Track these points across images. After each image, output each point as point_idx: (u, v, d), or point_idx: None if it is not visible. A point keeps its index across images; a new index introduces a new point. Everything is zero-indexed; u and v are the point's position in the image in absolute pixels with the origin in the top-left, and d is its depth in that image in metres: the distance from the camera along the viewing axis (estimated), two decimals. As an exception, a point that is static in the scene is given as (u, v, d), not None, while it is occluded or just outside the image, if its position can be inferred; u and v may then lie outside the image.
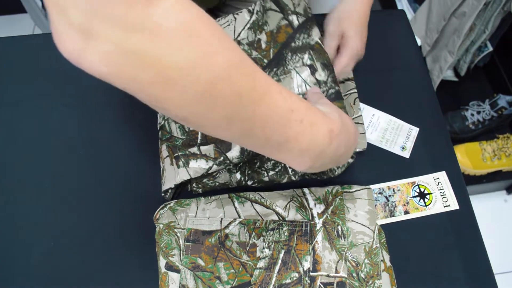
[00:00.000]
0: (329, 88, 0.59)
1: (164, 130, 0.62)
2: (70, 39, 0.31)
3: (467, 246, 0.61)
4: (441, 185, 0.65)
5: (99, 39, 0.31)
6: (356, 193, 0.59)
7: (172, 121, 0.62)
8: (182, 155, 0.58)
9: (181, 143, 0.59)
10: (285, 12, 0.63)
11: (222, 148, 0.57)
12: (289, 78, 0.60)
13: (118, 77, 0.33)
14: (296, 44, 0.61)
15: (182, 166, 0.57)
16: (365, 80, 0.72)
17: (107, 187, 0.64)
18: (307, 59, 0.60)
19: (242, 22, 0.65)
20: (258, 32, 0.64)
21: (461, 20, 1.24)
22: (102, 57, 0.31)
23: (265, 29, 0.63)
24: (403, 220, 0.63)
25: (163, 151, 0.60)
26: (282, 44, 0.62)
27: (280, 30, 0.62)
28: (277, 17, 0.63)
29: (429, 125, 0.69)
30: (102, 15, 0.30)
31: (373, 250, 0.55)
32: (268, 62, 0.62)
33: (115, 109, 0.70)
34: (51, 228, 0.61)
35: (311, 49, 0.61)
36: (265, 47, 0.63)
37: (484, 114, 1.42)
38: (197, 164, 0.57)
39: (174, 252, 0.55)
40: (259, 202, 0.58)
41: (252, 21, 0.64)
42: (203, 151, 0.57)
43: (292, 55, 0.61)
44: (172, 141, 0.60)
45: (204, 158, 0.57)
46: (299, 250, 0.55)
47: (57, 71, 0.73)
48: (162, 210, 0.58)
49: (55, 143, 0.67)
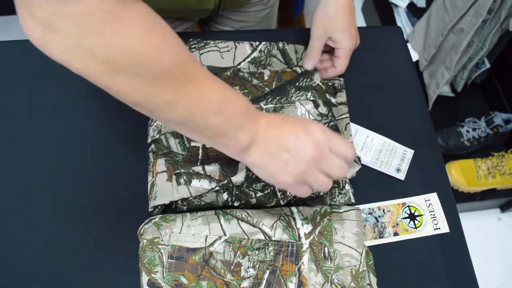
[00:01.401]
0: (330, 121, 0.65)
1: (160, 144, 0.61)
2: (34, 30, 0.36)
3: (456, 270, 0.60)
4: (432, 207, 0.64)
5: (59, 34, 0.36)
6: (344, 214, 0.58)
7: (171, 136, 0.61)
8: (185, 172, 0.57)
9: (182, 159, 0.58)
10: (289, 65, 0.70)
11: (228, 171, 0.57)
12: (293, 107, 0.65)
13: (74, 67, 0.39)
14: (300, 84, 0.68)
15: (183, 183, 0.56)
16: (359, 99, 0.71)
17: (91, 198, 0.62)
18: (310, 95, 0.67)
19: (243, 53, 0.70)
20: (261, 68, 0.69)
21: (459, 36, 1.24)
22: (61, 49, 0.37)
23: (269, 68, 0.69)
24: (392, 242, 0.62)
25: (159, 166, 0.59)
26: (287, 81, 0.68)
27: (285, 72, 0.69)
28: (281, 66, 0.70)
29: (422, 146, 0.68)
30: (62, 14, 0.35)
31: (359, 273, 0.54)
32: (270, 90, 0.66)
33: (101, 119, 0.69)
34: (32, 239, 0.60)
35: (313, 89, 0.67)
36: (268, 79, 0.67)
37: (480, 131, 1.41)
38: (200, 183, 0.56)
39: (157, 269, 0.54)
40: (245, 220, 0.57)
41: (253, 56, 0.70)
42: (208, 171, 0.57)
43: (296, 90, 0.67)
44: (172, 156, 0.59)
45: (208, 179, 0.56)
46: (285, 271, 0.54)
47: (40, 80, 0.72)
48: (147, 225, 0.56)
49: (39, 153, 0.66)
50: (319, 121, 0.63)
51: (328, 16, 0.66)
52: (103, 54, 0.37)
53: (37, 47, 0.38)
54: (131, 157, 0.65)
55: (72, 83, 0.71)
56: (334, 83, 0.70)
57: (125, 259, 0.58)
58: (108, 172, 0.64)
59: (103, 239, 0.60)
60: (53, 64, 0.70)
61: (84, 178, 0.64)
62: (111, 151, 0.66)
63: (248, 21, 0.90)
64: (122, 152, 0.66)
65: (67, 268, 0.58)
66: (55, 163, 0.65)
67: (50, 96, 0.70)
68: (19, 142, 0.66)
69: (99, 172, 0.64)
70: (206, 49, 0.69)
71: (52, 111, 0.69)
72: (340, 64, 0.69)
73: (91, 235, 0.60)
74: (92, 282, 0.57)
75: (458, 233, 0.63)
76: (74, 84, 0.71)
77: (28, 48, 0.75)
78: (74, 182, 0.64)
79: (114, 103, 0.69)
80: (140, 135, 0.66)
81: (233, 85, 0.66)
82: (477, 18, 1.16)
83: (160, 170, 0.59)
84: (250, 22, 0.90)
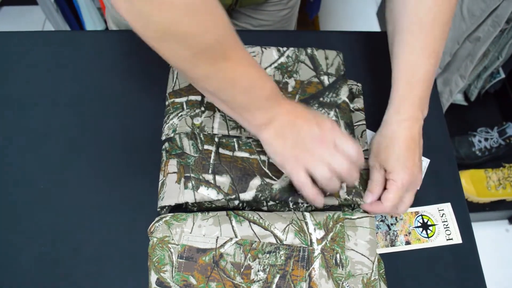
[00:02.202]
0: None
1: (174, 144, 0.60)
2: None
3: (467, 282, 0.59)
4: (445, 217, 0.63)
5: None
6: (357, 221, 0.57)
7: (185, 137, 0.60)
8: (195, 178, 0.57)
9: (193, 162, 0.58)
10: (317, 72, 0.67)
11: (238, 187, 0.56)
12: None
13: (134, 26, 0.45)
14: (324, 100, 0.65)
15: (190, 188, 0.56)
16: (374, 105, 0.70)
17: (101, 194, 0.62)
18: (332, 115, 0.64)
19: (269, 59, 0.68)
20: (286, 76, 0.67)
21: (475, 45, 1.23)
22: (123, 7, 0.44)
23: (295, 77, 0.67)
24: (404, 251, 0.61)
25: (171, 166, 0.59)
26: (311, 95, 0.65)
27: (311, 84, 0.66)
28: (309, 74, 0.67)
29: (437, 154, 0.67)
30: None
31: (371, 282, 0.53)
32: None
33: (113, 113, 0.68)
34: (40, 234, 0.59)
35: (337, 107, 0.64)
36: (292, 91, 0.65)
37: (492, 142, 1.40)
38: (207, 192, 0.56)
39: (166, 268, 0.54)
40: (257, 223, 0.56)
41: (280, 62, 0.68)
42: (218, 182, 0.56)
43: (319, 107, 0.64)
44: (184, 158, 0.59)
45: (216, 190, 0.56)
46: (295, 276, 0.53)
47: (55, 71, 0.72)
48: (157, 223, 0.56)
49: (53, 148, 0.66)
50: None
51: (385, 144, 0.59)
52: (154, 21, 0.43)
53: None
54: (145, 153, 0.65)
55: (86, 78, 0.71)
56: (351, 88, 0.69)
57: (134, 256, 0.58)
58: (120, 168, 0.64)
59: (112, 235, 0.59)
60: (61, 56, 0.70)
61: (95, 173, 0.64)
62: (124, 146, 0.66)
63: (267, 19, 0.89)
64: (136, 148, 0.65)
65: (75, 263, 0.58)
66: (66, 158, 0.65)
67: (63, 89, 0.70)
68: (25, 136, 0.66)
69: (110, 167, 0.64)
70: None
71: (64, 104, 0.69)
72: (387, 199, 0.56)
73: (100, 231, 0.60)
74: (100, 278, 0.57)
75: (471, 244, 0.62)
76: (87, 79, 0.71)
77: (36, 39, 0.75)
78: (84, 177, 0.63)
79: (128, 97, 0.69)
80: (155, 131, 0.65)
81: None
82: (495, 28, 1.14)
83: (171, 170, 0.58)
84: (269, 21, 0.90)
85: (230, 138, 0.61)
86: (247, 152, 0.60)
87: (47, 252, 0.58)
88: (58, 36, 0.77)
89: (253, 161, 0.59)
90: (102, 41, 0.76)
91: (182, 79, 0.65)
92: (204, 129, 0.61)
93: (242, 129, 0.61)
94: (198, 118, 0.62)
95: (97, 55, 0.74)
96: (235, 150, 0.60)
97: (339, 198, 0.57)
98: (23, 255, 0.58)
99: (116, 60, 0.74)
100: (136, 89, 0.71)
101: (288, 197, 0.56)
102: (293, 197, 0.56)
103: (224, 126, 0.62)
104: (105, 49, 0.75)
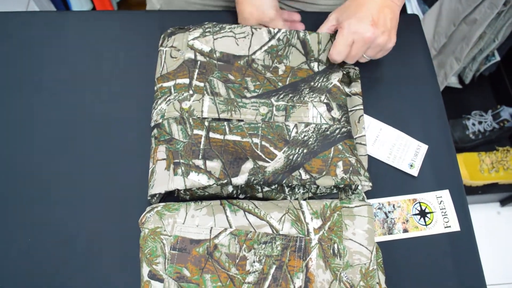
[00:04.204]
0: (342, 127, 0.60)
1: (162, 130, 0.58)
2: None
3: (465, 270, 0.58)
4: (443, 204, 0.62)
5: None
6: (355, 209, 0.55)
7: (173, 122, 0.58)
8: (184, 163, 0.55)
9: (182, 147, 0.56)
10: (308, 58, 0.66)
11: (230, 172, 0.54)
12: (304, 108, 0.61)
13: None
14: (315, 84, 0.63)
15: (180, 174, 0.54)
16: (372, 89, 0.68)
17: (90, 184, 0.60)
18: (324, 99, 0.62)
19: (260, 41, 0.65)
20: (276, 61, 0.65)
21: (472, 27, 1.21)
22: None
23: (285, 63, 0.65)
24: (401, 239, 0.60)
25: (159, 153, 0.57)
26: (302, 79, 0.64)
27: (301, 69, 0.65)
28: (300, 59, 0.66)
29: (436, 141, 0.66)
30: None
31: (369, 272, 0.52)
32: (284, 86, 0.63)
33: (100, 99, 0.66)
34: (30, 225, 0.57)
35: (328, 92, 0.63)
36: (282, 74, 0.63)
37: (486, 125, 1.39)
38: (198, 178, 0.54)
39: (159, 260, 0.52)
40: (252, 213, 0.54)
41: (271, 44, 0.66)
42: (209, 167, 0.54)
43: (310, 91, 0.63)
44: (173, 144, 0.56)
45: (207, 175, 0.54)
46: (292, 267, 0.52)
47: (40, 54, 0.69)
48: (149, 213, 0.54)
49: (38, 132, 0.63)
50: (330, 125, 0.60)
51: (347, 5, 0.63)
52: None
53: None
54: (135, 141, 0.62)
55: (72, 61, 0.68)
56: (349, 72, 0.67)
57: (125, 248, 0.56)
58: (110, 157, 0.62)
59: (102, 227, 0.57)
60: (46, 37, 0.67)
61: (84, 163, 0.61)
62: (113, 134, 0.63)
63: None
64: (126, 136, 0.63)
65: (65, 257, 0.56)
66: (52, 148, 0.62)
67: (48, 73, 0.67)
68: (8, 123, 0.64)
69: (100, 156, 0.62)
70: (221, 34, 0.65)
71: (49, 89, 0.66)
72: (334, 44, 0.62)
73: (90, 223, 0.58)
74: (91, 271, 0.55)
75: (469, 232, 0.61)
76: (73, 62, 0.68)
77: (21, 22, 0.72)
78: (73, 167, 0.61)
79: (115, 81, 0.67)
80: (146, 117, 0.63)
81: (245, 76, 0.63)
82: (492, 9, 1.12)
83: (160, 157, 0.56)
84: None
85: (220, 122, 0.59)
86: (239, 136, 0.58)
87: (36, 246, 0.56)
88: (42, 17, 0.74)
89: (245, 144, 0.57)
90: (89, 22, 0.72)
91: (170, 62, 0.63)
92: (193, 113, 0.59)
93: (232, 112, 0.59)
94: (186, 102, 0.59)
95: (83, 36, 0.71)
96: (226, 134, 0.58)
97: (336, 176, 0.56)
98: (11, 249, 0.56)
99: (104, 42, 0.70)
100: (124, 72, 0.68)
101: (282, 179, 0.55)
102: (288, 179, 0.55)
103: (214, 109, 0.59)
104: (92, 30, 0.71)
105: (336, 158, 0.57)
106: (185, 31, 0.65)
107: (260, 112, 0.60)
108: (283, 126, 0.59)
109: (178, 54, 0.63)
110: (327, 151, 0.58)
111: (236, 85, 0.62)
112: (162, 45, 0.65)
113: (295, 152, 0.57)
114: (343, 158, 0.57)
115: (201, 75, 0.62)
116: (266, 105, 0.60)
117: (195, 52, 0.63)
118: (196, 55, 0.63)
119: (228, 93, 0.61)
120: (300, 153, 0.57)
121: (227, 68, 0.63)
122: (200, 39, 0.64)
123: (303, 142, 0.58)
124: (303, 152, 0.57)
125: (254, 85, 0.62)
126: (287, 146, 0.58)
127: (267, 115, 0.60)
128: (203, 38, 0.64)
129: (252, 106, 0.60)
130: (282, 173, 0.55)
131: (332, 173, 0.56)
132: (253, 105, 0.60)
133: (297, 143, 0.58)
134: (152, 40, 0.69)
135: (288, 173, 0.55)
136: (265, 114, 0.60)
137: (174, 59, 0.63)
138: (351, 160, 0.57)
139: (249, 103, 0.60)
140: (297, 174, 0.55)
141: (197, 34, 0.64)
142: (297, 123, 0.59)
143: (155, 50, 0.67)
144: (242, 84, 0.62)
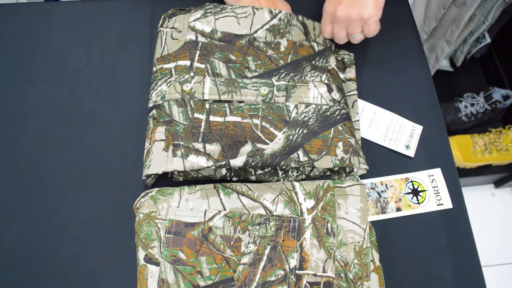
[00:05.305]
0: (341, 109, 0.61)
1: (162, 111, 0.58)
2: None
3: (458, 246, 0.59)
4: (435, 183, 0.63)
5: None
6: (348, 189, 0.56)
7: (174, 104, 0.58)
8: (184, 146, 0.55)
9: (183, 129, 0.56)
10: (308, 38, 0.66)
11: (228, 154, 0.54)
12: (305, 88, 0.61)
13: None
14: (316, 64, 0.63)
15: (179, 156, 0.54)
16: (363, 72, 0.68)
17: (83, 168, 0.60)
18: (325, 78, 0.62)
19: (261, 20, 0.66)
20: (278, 37, 0.65)
21: (461, 9, 1.21)
22: None
23: (287, 37, 0.65)
24: (395, 218, 0.60)
25: (158, 133, 0.56)
26: (303, 57, 0.64)
27: (303, 46, 0.65)
28: (301, 36, 0.66)
29: (427, 120, 0.66)
30: None
31: (363, 250, 0.53)
32: (285, 64, 0.63)
33: (92, 88, 0.66)
34: (20, 213, 0.57)
35: (328, 72, 0.63)
36: (284, 51, 0.63)
37: (478, 107, 1.40)
38: (197, 159, 0.54)
39: (154, 244, 0.52)
40: (246, 195, 0.55)
41: (272, 23, 0.66)
42: (208, 150, 0.55)
43: (311, 69, 0.63)
44: (173, 125, 0.56)
45: (206, 157, 0.54)
46: (286, 247, 0.53)
47: (29, 46, 0.68)
48: (143, 198, 0.54)
49: (30, 122, 0.63)
50: (331, 106, 0.61)
51: None
52: None
53: None
54: (129, 124, 0.63)
55: (62, 52, 0.68)
56: (343, 58, 0.67)
57: (121, 233, 0.56)
58: (103, 141, 0.62)
59: (96, 212, 0.58)
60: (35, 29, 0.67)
61: (77, 148, 0.61)
62: (106, 119, 0.63)
63: None
64: (119, 119, 0.63)
65: (59, 243, 0.56)
66: (45, 134, 0.62)
67: (39, 64, 0.67)
68: (9, 112, 0.64)
69: (92, 140, 0.62)
70: (223, 14, 0.65)
71: (41, 80, 0.66)
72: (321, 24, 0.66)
73: (84, 208, 0.58)
74: (86, 256, 0.55)
75: (461, 209, 0.61)
76: (63, 53, 0.68)
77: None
78: (65, 152, 0.61)
79: (110, 72, 0.67)
80: (140, 101, 0.63)
81: (247, 55, 0.63)
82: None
83: (158, 138, 0.56)
84: None
85: (221, 103, 0.59)
86: (239, 117, 0.58)
87: (28, 232, 0.56)
88: (31, 8, 0.73)
89: (246, 125, 0.57)
90: (78, 11, 0.72)
91: (171, 44, 0.63)
92: (194, 96, 0.59)
93: (233, 93, 0.60)
94: (187, 84, 0.59)
95: (73, 27, 0.70)
96: (226, 115, 0.58)
97: (336, 156, 0.56)
98: (3, 235, 0.56)
99: (94, 31, 0.70)
100: (115, 61, 0.68)
101: (280, 161, 0.55)
102: (285, 161, 0.55)
103: (215, 90, 0.59)
104: (82, 20, 0.71)
105: (336, 139, 0.57)
106: (186, 12, 0.65)
107: (260, 92, 0.60)
108: (283, 106, 0.59)
109: (179, 36, 0.63)
110: (327, 132, 0.58)
111: (237, 65, 0.62)
112: (162, 26, 0.65)
113: (295, 132, 0.57)
114: (342, 139, 0.57)
115: (202, 57, 0.62)
116: (267, 85, 0.61)
117: (196, 34, 0.63)
118: (197, 36, 0.63)
119: (229, 73, 0.61)
120: (300, 133, 0.57)
121: (229, 48, 0.63)
122: (201, 20, 0.64)
123: (303, 122, 0.58)
124: (303, 132, 0.57)
125: (255, 64, 0.62)
126: (287, 126, 0.58)
127: (268, 95, 0.60)
128: (204, 19, 0.64)
129: (253, 87, 0.60)
130: (280, 155, 0.55)
131: (332, 153, 0.56)
132: (254, 85, 0.60)
133: (297, 123, 0.58)
134: (143, 28, 0.69)
135: (286, 155, 0.55)
136: (266, 95, 0.60)
137: (175, 41, 0.63)
138: (350, 141, 0.58)
139: (250, 83, 0.60)
140: (295, 156, 0.55)
141: (198, 15, 0.64)
142: (298, 103, 0.60)
143: (146, 38, 0.67)
144: (244, 63, 0.62)
